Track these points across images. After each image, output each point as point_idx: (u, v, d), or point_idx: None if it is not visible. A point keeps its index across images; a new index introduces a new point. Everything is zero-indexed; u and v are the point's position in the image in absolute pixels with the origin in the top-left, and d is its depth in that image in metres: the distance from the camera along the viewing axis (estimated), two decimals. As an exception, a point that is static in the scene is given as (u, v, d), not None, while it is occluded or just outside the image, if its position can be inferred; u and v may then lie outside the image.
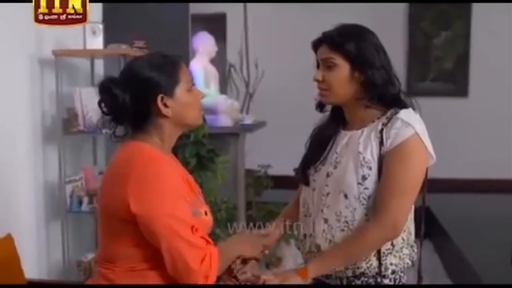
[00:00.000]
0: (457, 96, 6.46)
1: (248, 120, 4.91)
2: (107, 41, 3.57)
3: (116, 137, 1.61)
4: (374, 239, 1.61)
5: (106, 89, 1.53)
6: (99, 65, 3.70)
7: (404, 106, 1.68)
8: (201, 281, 1.46)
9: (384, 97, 1.66)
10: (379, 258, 1.64)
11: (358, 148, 1.64)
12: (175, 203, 1.48)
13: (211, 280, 1.47)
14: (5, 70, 2.94)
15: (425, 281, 4.32)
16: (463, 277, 4.03)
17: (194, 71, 4.57)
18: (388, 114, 1.67)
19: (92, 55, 3.46)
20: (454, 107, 6.40)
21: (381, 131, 1.63)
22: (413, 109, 1.68)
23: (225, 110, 4.65)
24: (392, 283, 1.66)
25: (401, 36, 6.54)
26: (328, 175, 1.69)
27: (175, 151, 1.75)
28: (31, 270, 3.11)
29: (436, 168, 6.23)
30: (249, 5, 6.06)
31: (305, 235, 1.77)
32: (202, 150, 3.69)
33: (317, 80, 1.69)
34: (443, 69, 6.51)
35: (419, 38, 6.50)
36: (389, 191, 1.59)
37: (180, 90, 1.56)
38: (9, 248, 2.61)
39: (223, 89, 6.26)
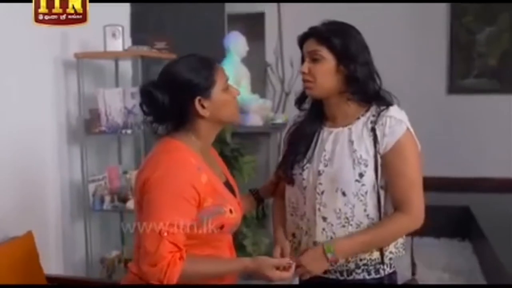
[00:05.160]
0: (502, 93, 6.19)
1: (280, 119, 4.88)
2: (138, 43, 3.65)
3: (157, 135, 1.70)
4: (403, 229, 1.72)
5: (147, 92, 1.61)
6: (126, 67, 3.77)
7: (383, 101, 1.74)
8: (154, 282, 1.52)
9: (365, 91, 1.72)
10: (380, 249, 1.73)
11: (353, 146, 1.70)
12: (168, 208, 1.54)
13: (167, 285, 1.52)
14: (30, 73, 3.05)
15: (458, 282, 4.19)
16: (498, 282, 3.88)
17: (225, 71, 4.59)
18: (373, 111, 1.73)
19: (112, 57, 3.55)
20: (498, 105, 6.13)
21: (373, 129, 1.69)
22: (393, 104, 1.74)
23: (255, 109, 4.64)
24: (389, 268, 1.77)
25: (443, 32, 6.32)
26: (320, 173, 1.73)
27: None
28: (57, 266, 3.23)
29: (479, 167, 5.99)
30: (285, 4, 6.04)
31: (293, 234, 1.82)
32: (226, 149, 3.71)
33: (303, 72, 1.74)
34: (487, 66, 6.25)
35: (461, 33, 6.28)
36: (406, 187, 1.68)
37: (216, 91, 1.63)
38: (29, 245, 2.72)
39: (261, 88, 6.27)
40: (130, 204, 3.30)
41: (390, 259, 1.76)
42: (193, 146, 1.64)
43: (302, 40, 1.76)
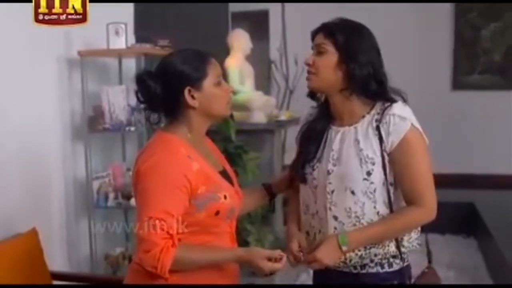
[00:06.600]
0: (506, 90, 6.18)
1: (284, 116, 4.87)
2: (141, 40, 3.64)
3: (151, 123, 1.75)
4: (415, 221, 1.73)
5: (142, 80, 1.68)
6: (130, 64, 3.77)
7: (387, 98, 1.73)
8: (148, 269, 1.56)
9: (366, 90, 1.72)
10: (397, 242, 1.73)
11: (359, 145, 1.70)
12: (159, 196, 1.57)
13: (161, 271, 1.54)
14: (34, 71, 3.07)
15: (463, 280, 4.18)
16: (503, 279, 3.87)
17: (229, 69, 4.59)
18: (378, 109, 1.73)
19: (115, 54, 3.56)
20: (503, 101, 6.14)
21: (377, 127, 1.69)
22: (396, 100, 1.74)
23: (259, 106, 4.63)
24: (402, 262, 1.77)
25: (448, 28, 6.34)
26: (329, 173, 1.73)
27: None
28: (61, 263, 3.24)
29: (483, 164, 5.98)
30: (289, 3, 6.04)
31: (307, 232, 1.83)
32: (229, 146, 3.71)
33: (308, 64, 1.75)
34: (492, 62, 6.25)
35: (466, 30, 6.27)
36: (416, 181, 1.69)
37: (207, 84, 1.67)
38: (33, 241, 2.73)
39: (265, 85, 6.27)
40: (134, 201, 3.30)
41: (403, 253, 1.77)
42: (184, 138, 1.68)
43: (314, 35, 1.78)
